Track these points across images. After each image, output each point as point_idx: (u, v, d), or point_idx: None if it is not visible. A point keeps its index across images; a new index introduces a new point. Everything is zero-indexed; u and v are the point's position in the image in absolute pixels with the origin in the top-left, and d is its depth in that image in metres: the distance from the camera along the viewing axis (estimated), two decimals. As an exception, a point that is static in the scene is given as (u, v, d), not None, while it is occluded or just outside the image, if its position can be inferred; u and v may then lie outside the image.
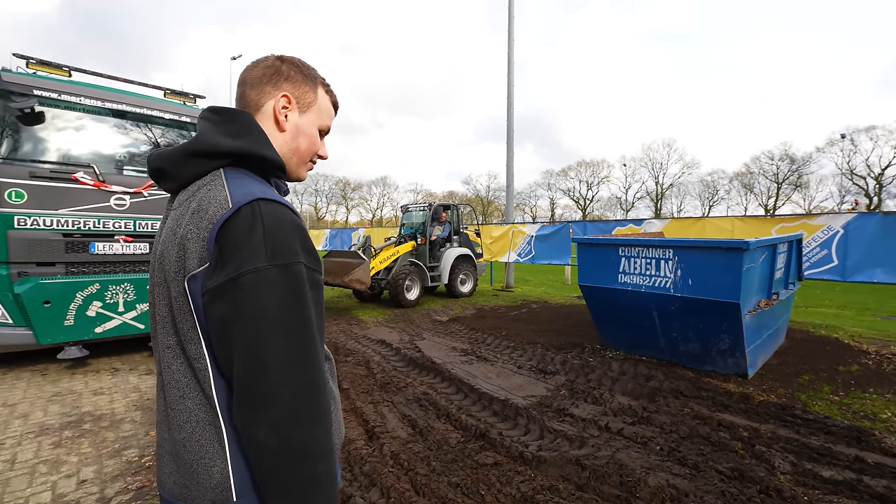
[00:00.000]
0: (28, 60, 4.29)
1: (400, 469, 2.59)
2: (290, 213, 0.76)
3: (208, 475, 0.76)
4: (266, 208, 0.73)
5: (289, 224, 0.75)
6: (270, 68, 0.90)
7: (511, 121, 11.62)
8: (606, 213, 51.34)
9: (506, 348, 5.47)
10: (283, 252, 0.72)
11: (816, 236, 6.49)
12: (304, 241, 0.76)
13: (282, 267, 0.71)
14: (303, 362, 0.72)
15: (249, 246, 0.70)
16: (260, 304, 0.69)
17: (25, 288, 3.97)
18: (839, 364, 4.50)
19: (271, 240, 0.71)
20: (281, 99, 0.89)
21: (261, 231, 0.71)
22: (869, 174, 36.70)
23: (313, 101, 0.93)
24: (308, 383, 0.72)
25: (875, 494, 2.32)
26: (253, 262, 0.70)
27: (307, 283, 0.75)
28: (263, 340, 0.69)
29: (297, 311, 0.72)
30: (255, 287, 0.69)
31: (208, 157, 0.81)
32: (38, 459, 2.71)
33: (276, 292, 0.70)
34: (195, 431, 0.77)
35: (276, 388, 0.69)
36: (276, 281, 0.70)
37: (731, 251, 3.79)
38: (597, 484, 2.44)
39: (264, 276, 0.70)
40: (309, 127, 0.93)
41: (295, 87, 0.91)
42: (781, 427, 3.15)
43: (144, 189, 4.67)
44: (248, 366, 0.69)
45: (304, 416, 0.71)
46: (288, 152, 0.91)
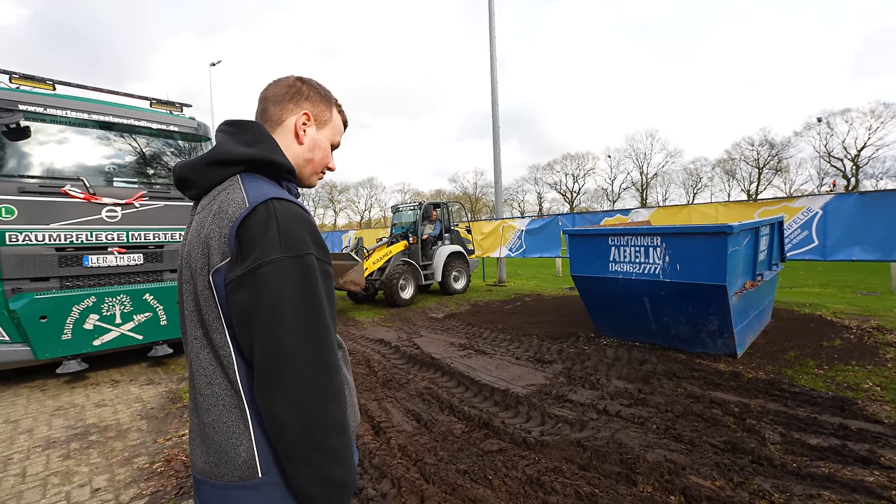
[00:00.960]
0: (11, 75, 4.25)
1: (408, 460, 2.67)
2: (301, 211, 0.84)
3: (235, 453, 0.83)
4: (279, 206, 0.80)
5: (300, 220, 0.82)
6: (292, 87, 1.00)
7: (496, 118, 11.72)
8: (594, 205, 51.84)
9: (503, 341, 5.58)
10: (296, 244, 0.79)
11: (797, 218, 6.72)
12: (314, 236, 0.83)
13: (295, 258, 0.78)
14: (317, 344, 0.78)
15: (266, 240, 0.77)
16: (276, 291, 0.76)
17: (21, 304, 3.96)
18: (823, 340, 4.69)
19: (285, 234, 0.78)
20: (302, 116, 0.99)
21: (275, 226, 0.78)
22: (846, 156, 37.61)
23: (329, 119, 1.05)
24: (322, 363, 0.79)
25: (858, 458, 2.47)
26: (269, 254, 0.77)
27: (318, 273, 0.81)
28: (281, 324, 0.76)
29: (309, 298, 0.79)
30: (272, 276, 0.76)
31: (226, 164, 0.90)
32: (48, 471, 2.74)
33: (290, 280, 0.77)
34: (222, 414, 0.84)
35: (293, 367, 0.76)
36: (290, 270, 0.77)
37: (716, 236, 3.93)
38: (598, 463, 2.54)
39: (279, 266, 0.77)
40: (324, 141, 1.04)
41: (314, 105, 1.02)
42: (770, 401, 3.30)
43: (136, 200, 4.66)
44: (267, 348, 0.76)
45: (320, 393, 0.78)
46: (303, 162, 1.02)
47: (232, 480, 0.83)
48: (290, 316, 0.76)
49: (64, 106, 4.35)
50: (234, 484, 0.84)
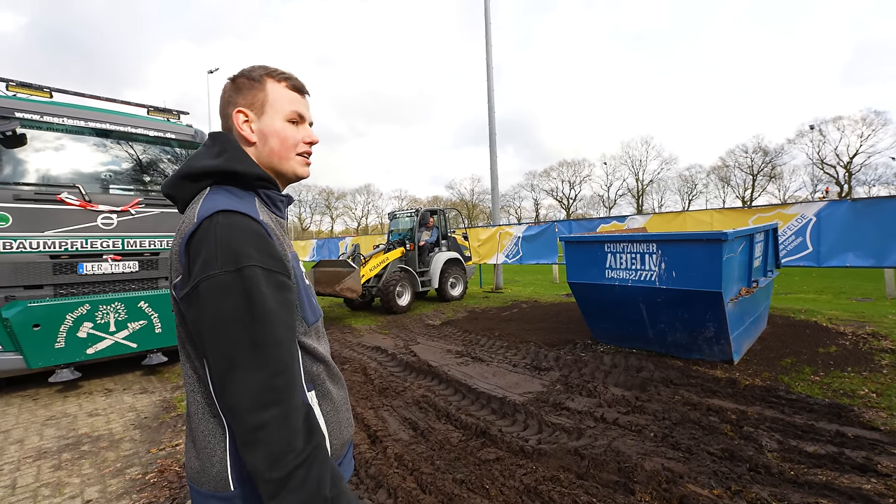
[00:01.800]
0: (8, 83, 4.25)
1: (405, 469, 2.65)
2: (246, 221, 0.80)
3: (211, 463, 0.85)
4: (222, 219, 0.79)
5: (241, 231, 0.79)
6: (226, 91, 0.95)
7: (492, 125, 11.79)
8: (590, 212, 52.05)
9: (500, 348, 5.56)
10: (233, 258, 0.76)
11: (791, 224, 6.77)
12: (260, 246, 0.80)
13: (234, 272, 0.75)
14: (261, 359, 0.74)
15: (205, 255, 0.76)
16: (215, 308, 0.75)
17: (14, 312, 3.92)
18: (819, 346, 4.70)
19: (222, 247, 0.76)
20: (238, 115, 0.92)
21: (213, 241, 0.77)
22: (838, 163, 38.02)
23: (265, 99, 0.93)
24: (269, 379, 0.74)
25: (855, 465, 2.47)
26: (206, 271, 0.76)
27: (265, 285, 0.77)
28: (223, 340, 0.75)
29: (251, 311, 0.75)
30: (210, 293, 0.75)
31: (194, 178, 0.89)
32: (39, 483, 2.69)
33: (229, 296, 0.75)
34: (201, 422, 0.87)
35: (241, 384, 0.73)
36: (227, 285, 0.75)
37: (712, 243, 3.95)
38: (596, 472, 2.53)
39: (217, 281, 0.75)
40: (271, 125, 0.93)
41: (245, 96, 0.93)
42: (767, 408, 3.30)
43: (131, 207, 4.65)
44: (215, 364, 0.76)
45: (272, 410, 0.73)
46: (266, 158, 0.94)
47: (209, 489, 0.85)
48: (231, 332, 0.74)
49: (60, 113, 4.35)
50: (211, 493, 0.85)
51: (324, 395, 0.95)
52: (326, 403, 0.95)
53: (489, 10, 11.69)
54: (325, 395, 0.95)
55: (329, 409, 0.95)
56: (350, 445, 1.05)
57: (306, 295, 0.95)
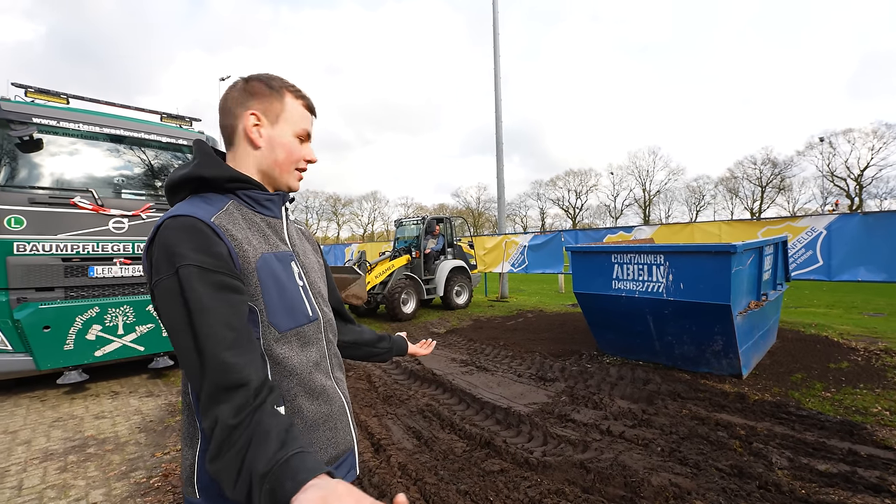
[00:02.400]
0: (27, 89, 4.35)
1: (408, 479, 2.63)
2: (187, 221, 0.79)
3: (184, 466, 0.87)
4: (168, 223, 0.79)
5: (180, 232, 0.78)
6: (237, 91, 0.93)
7: (500, 135, 11.84)
8: (596, 222, 51.89)
9: (504, 358, 5.53)
10: (170, 260, 0.77)
11: (801, 237, 6.69)
12: (198, 245, 0.78)
13: (170, 276, 0.76)
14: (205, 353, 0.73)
15: (153, 261, 0.79)
16: (164, 311, 0.77)
17: (25, 314, 3.97)
18: (830, 361, 4.63)
19: (162, 251, 0.77)
20: (250, 117, 0.92)
21: (158, 246, 0.78)
22: (849, 175, 37.66)
23: (282, 110, 0.94)
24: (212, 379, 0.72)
25: (869, 485, 2.41)
26: (153, 276, 0.79)
27: (199, 283, 0.75)
28: (174, 342, 0.77)
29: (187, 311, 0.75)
30: (158, 297, 0.78)
31: (173, 190, 0.92)
32: (45, 485, 2.71)
33: (170, 298, 0.76)
34: (184, 422, 0.90)
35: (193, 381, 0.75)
36: (168, 287, 0.76)
37: (720, 255, 3.92)
38: (602, 486, 2.50)
39: (161, 286, 0.77)
40: (283, 137, 0.94)
41: (261, 102, 0.92)
42: (777, 424, 3.24)
43: (142, 212, 4.71)
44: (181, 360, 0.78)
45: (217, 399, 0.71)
46: (268, 166, 0.95)
47: (186, 494, 0.86)
48: (178, 333, 0.76)
49: (77, 119, 4.43)
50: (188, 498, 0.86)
51: (294, 412, 0.88)
52: (297, 422, 0.88)
53: (497, 21, 11.80)
54: (296, 413, 0.88)
55: (300, 428, 0.89)
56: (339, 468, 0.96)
57: (279, 297, 0.88)
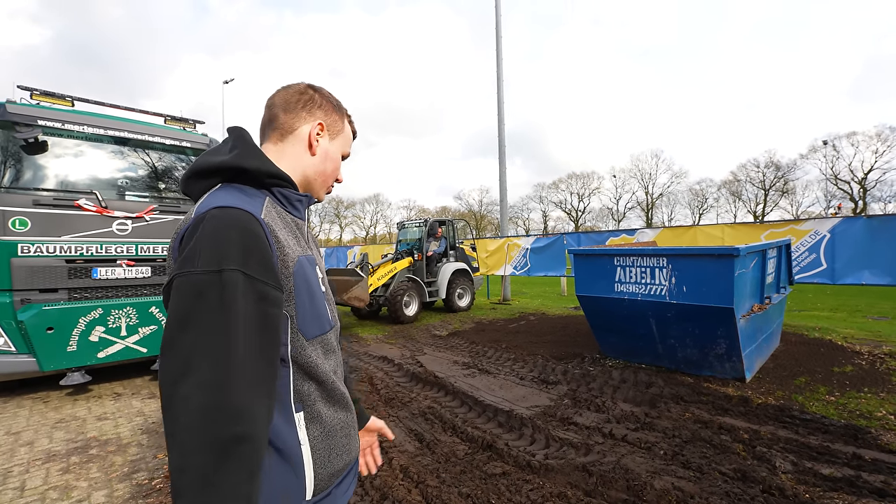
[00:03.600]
0: (32, 92, 4.38)
1: (410, 482, 2.62)
2: (241, 217, 0.72)
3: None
4: (216, 214, 0.71)
5: (233, 229, 0.70)
6: (305, 95, 0.95)
7: (502, 138, 11.87)
8: (598, 224, 51.81)
9: (507, 360, 5.52)
10: (215, 257, 0.67)
11: (805, 241, 6.67)
12: (251, 250, 0.71)
13: (211, 273, 0.66)
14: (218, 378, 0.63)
15: (187, 252, 0.69)
16: (182, 307, 0.66)
17: (29, 315, 3.99)
18: (834, 365, 4.60)
19: (206, 243, 0.68)
20: (316, 126, 0.94)
21: (200, 237, 0.69)
22: (852, 179, 37.52)
23: (341, 129, 1.00)
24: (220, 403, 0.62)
25: (873, 489, 2.39)
26: (183, 267, 0.68)
27: (241, 293, 0.67)
28: (180, 346, 0.64)
29: (218, 322, 0.65)
30: (180, 290, 0.66)
31: (202, 175, 0.85)
32: (47, 486, 2.71)
33: (199, 298, 0.65)
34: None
35: (184, 401, 0.62)
36: (201, 286, 0.66)
37: (723, 258, 3.91)
38: (604, 489, 2.49)
39: (189, 279, 0.66)
40: (336, 153, 1.00)
41: (327, 115, 0.97)
42: (781, 428, 3.22)
43: (146, 214, 4.73)
44: (165, 370, 0.65)
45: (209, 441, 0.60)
46: (314, 174, 0.96)
47: None
48: (191, 337, 0.64)
49: (81, 122, 4.46)
50: None
51: (313, 418, 0.85)
52: (315, 427, 0.85)
53: (500, 24, 11.84)
54: (315, 418, 0.85)
55: (317, 433, 0.85)
56: (347, 475, 0.94)
57: (310, 303, 0.86)
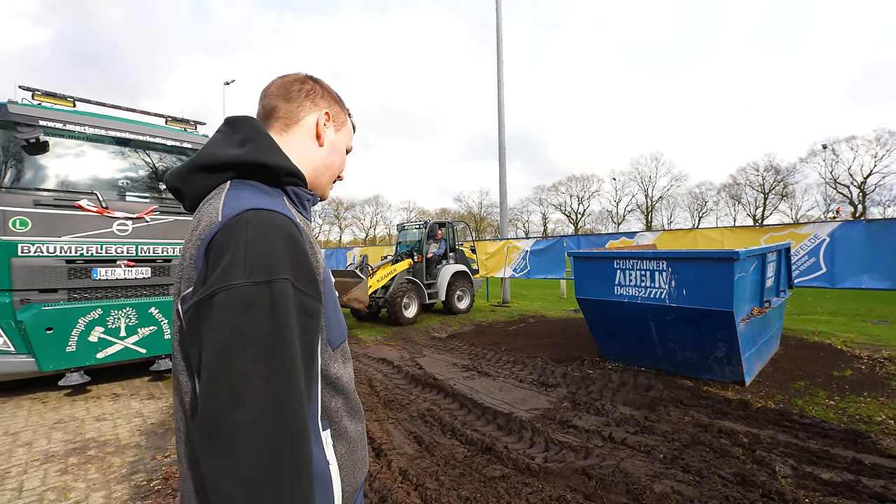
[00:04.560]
0: (34, 92, 4.39)
1: (409, 484, 2.62)
2: (283, 222, 0.68)
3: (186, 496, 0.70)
4: (254, 218, 0.66)
5: (279, 235, 0.66)
6: (306, 84, 0.91)
7: (502, 140, 11.88)
8: (598, 227, 51.86)
9: (506, 363, 5.52)
10: (265, 267, 0.63)
11: (804, 245, 6.67)
12: (296, 258, 0.67)
13: (263, 284, 0.62)
14: (281, 399, 0.60)
15: (229, 260, 0.62)
16: (231, 326, 0.60)
17: (28, 315, 3.98)
18: (833, 369, 4.60)
19: (253, 253, 0.63)
20: (323, 115, 0.91)
21: (242, 244, 0.63)
22: (852, 183, 37.58)
23: (345, 121, 0.98)
24: (286, 425, 0.60)
25: (873, 494, 2.39)
26: (227, 279, 0.61)
27: (293, 305, 0.64)
28: (232, 368, 0.59)
29: (275, 335, 0.61)
30: (227, 307, 0.60)
31: (211, 170, 0.77)
32: (45, 487, 2.70)
33: (251, 312, 0.61)
34: (183, 468, 0.72)
35: (245, 427, 0.57)
36: (253, 300, 0.61)
37: (723, 261, 3.91)
38: (603, 493, 2.48)
39: (239, 293, 0.61)
40: (341, 145, 0.97)
41: (331, 105, 0.94)
42: (780, 432, 3.22)
43: (147, 214, 4.73)
44: (213, 399, 0.59)
45: (280, 466, 0.58)
46: (322, 166, 0.92)
47: None
48: (246, 358, 0.59)
49: (83, 122, 4.47)
50: None
51: (339, 435, 0.81)
52: (341, 444, 0.81)
53: (501, 27, 11.87)
54: (341, 434, 0.81)
55: (344, 450, 0.81)
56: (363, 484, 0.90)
57: (334, 311, 0.82)
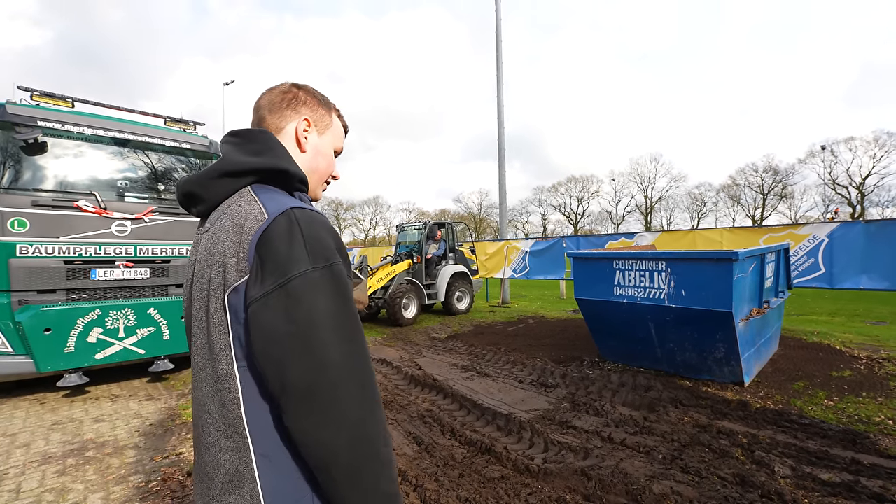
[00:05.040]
0: (32, 92, 4.39)
1: (408, 485, 2.61)
2: (324, 219, 0.80)
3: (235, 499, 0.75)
4: (301, 215, 0.76)
5: (324, 227, 0.78)
6: (288, 94, 0.96)
7: (502, 141, 11.88)
8: (598, 228, 51.90)
9: (505, 363, 5.51)
10: (324, 253, 0.75)
11: (803, 245, 6.68)
12: (339, 244, 0.80)
13: (325, 268, 0.74)
14: (359, 356, 0.75)
15: (291, 252, 0.72)
16: (311, 306, 0.71)
17: (26, 316, 3.97)
18: (832, 370, 4.60)
19: (312, 243, 0.74)
20: (302, 122, 0.95)
21: (300, 236, 0.73)
22: (850, 183, 37.66)
23: (329, 124, 1.01)
24: (365, 372, 0.75)
25: (872, 494, 2.39)
26: (297, 267, 0.71)
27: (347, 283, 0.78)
28: (321, 340, 0.71)
29: (344, 307, 0.75)
30: (304, 290, 0.71)
31: (235, 175, 0.84)
32: (43, 488, 2.70)
33: (323, 293, 0.72)
34: (220, 455, 0.77)
35: (339, 383, 0.71)
36: (321, 282, 0.72)
37: (722, 262, 3.92)
38: (603, 493, 2.48)
39: (310, 278, 0.72)
40: (326, 148, 1.00)
41: (313, 111, 0.97)
42: (779, 432, 3.22)
43: (145, 215, 4.73)
44: (307, 370, 0.70)
45: (368, 405, 0.74)
46: (307, 171, 0.97)
47: None
48: (329, 330, 0.72)
49: (81, 123, 4.47)
50: None
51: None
52: None
53: (500, 28, 11.88)
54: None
55: None
56: None
57: None
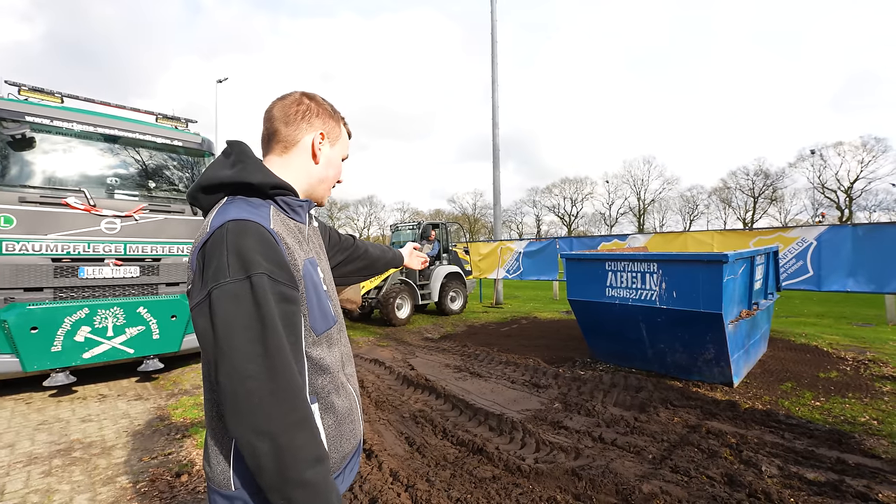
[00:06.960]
0: (20, 87, 4.32)
1: (400, 486, 2.61)
2: (256, 228, 0.81)
3: (217, 461, 0.87)
4: (233, 227, 0.80)
5: (252, 239, 0.80)
6: (301, 105, 0.99)
7: (496, 142, 11.91)
8: (591, 229, 52.21)
9: (498, 364, 5.52)
10: (243, 265, 0.77)
11: (792, 248, 6.77)
12: (270, 255, 0.81)
13: (244, 280, 0.77)
14: (273, 367, 0.76)
15: (218, 263, 0.78)
16: (227, 316, 0.75)
17: (12, 314, 3.91)
18: (819, 371, 4.67)
19: (233, 255, 0.78)
20: (318, 136, 1.00)
21: (224, 249, 0.78)
22: (839, 188, 38.26)
23: (339, 135, 1.06)
24: (282, 388, 0.76)
25: (856, 493, 2.43)
26: (217, 279, 0.77)
27: (271, 294, 0.78)
28: (234, 349, 0.75)
29: (260, 319, 0.77)
30: (221, 301, 0.76)
31: (208, 190, 0.92)
32: (28, 489, 2.65)
33: (239, 303, 0.76)
34: (212, 421, 0.89)
35: (253, 393, 0.74)
36: (239, 293, 0.76)
37: (712, 264, 3.96)
38: (593, 493, 2.49)
39: (227, 289, 0.76)
40: (337, 158, 1.07)
41: (325, 123, 1.02)
42: (767, 433, 3.26)
43: (136, 212, 4.67)
44: (226, 376, 0.75)
45: (285, 421, 0.76)
46: (317, 180, 1.03)
47: (215, 485, 0.87)
48: (243, 340, 0.75)
49: (71, 118, 4.41)
50: (216, 490, 0.88)
51: (327, 409, 0.94)
52: (329, 417, 0.95)
53: (495, 29, 11.91)
54: (329, 409, 0.95)
55: (331, 422, 0.95)
56: (354, 455, 1.04)
57: (317, 302, 0.94)
